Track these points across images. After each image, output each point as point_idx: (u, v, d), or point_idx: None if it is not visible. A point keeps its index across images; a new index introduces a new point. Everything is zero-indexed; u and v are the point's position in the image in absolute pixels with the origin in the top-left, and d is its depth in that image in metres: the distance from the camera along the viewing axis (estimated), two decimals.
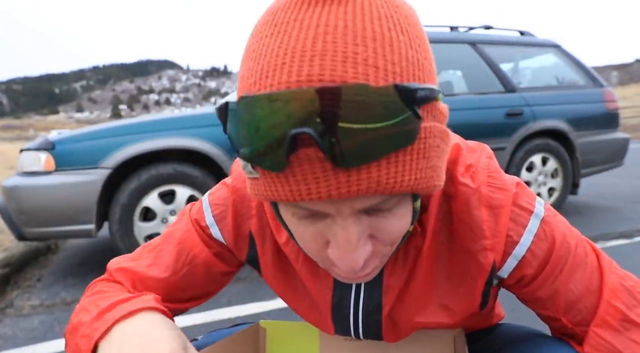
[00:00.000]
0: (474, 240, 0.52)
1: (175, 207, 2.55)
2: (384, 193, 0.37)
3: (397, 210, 0.42)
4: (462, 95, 3.33)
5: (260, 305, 2.10)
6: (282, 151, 0.34)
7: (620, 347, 0.50)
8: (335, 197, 0.36)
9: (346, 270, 0.41)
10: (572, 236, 0.54)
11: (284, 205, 0.44)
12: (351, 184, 0.35)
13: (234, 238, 0.63)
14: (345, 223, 0.40)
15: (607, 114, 3.72)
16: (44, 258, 3.30)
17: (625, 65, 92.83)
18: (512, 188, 0.52)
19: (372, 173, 0.35)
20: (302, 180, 0.36)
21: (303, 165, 0.35)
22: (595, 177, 4.77)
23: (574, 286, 0.52)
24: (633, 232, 2.99)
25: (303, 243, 0.45)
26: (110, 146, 2.44)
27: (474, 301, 0.56)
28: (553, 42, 3.81)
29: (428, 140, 0.38)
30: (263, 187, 0.39)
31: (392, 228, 0.43)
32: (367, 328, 0.62)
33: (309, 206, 0.40)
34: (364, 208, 0.39)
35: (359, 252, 0.41)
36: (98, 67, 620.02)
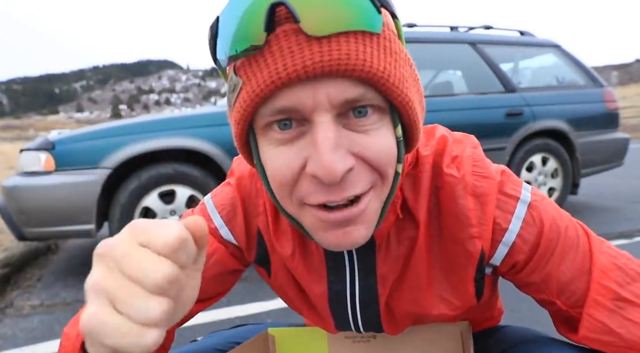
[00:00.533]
0: (461, 229, 0.53)
1: (175, 207, 2.55)
2: (355, 72, 0.39)
3: (378, 130, 0.43)
4: (462, 95, 3.33)
5: (260, 305, 2.10)
6: (261, 24, 0.38)
7: (614, 327, 0.50)
8: (309, 68, 0.38)
9: (325, 173, 0.40)
10: (562, 219, 0.54)
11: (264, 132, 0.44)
12: (324, 54, 0.38)
13: (245, 238, 0.63)
14: (323, 120, 0.40)
15: (607, 114, 3.72)
16: (44, 258, 3.30)
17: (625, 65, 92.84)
18: (496, 176, 0.53)
19: (342, 45, 0.38)
20: (279, 56, 0.39)
21: (280, 41, 0.39)
22: (595, 177, 4.77)
23: (566, 268, 0.52)
24: (633, 232, 3.00)
25: (280, 177, 0.44)
26: (110, 146, 2.44)
27: (468, 290, 0.56)
28: (553, 42, 3.81)
29: (393, 45, 0.42)
30: (245, 91, 0.41)
31: (373, 147, 0.42)
32: (366, 320, 0.62)
33: (288, 101, 0.40)
34: (341, 100, 0.40)
35: (339, 155, 0.40)
36: (98, 67, 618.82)
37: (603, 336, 0.50)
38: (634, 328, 0.49)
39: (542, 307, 0.58)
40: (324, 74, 0.39)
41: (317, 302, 0.63)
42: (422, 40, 3.28)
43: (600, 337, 0.51)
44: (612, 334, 0.50)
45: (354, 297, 0.60)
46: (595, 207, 3.97)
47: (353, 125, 0.42)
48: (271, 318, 1.97)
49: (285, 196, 0.46)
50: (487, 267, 0.56)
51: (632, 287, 0.51)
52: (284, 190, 0.45)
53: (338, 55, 0.38)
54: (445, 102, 3.17)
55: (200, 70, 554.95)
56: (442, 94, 3.30)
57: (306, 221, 0.47)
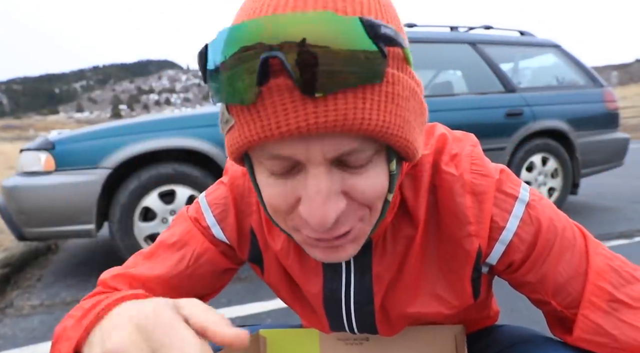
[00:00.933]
0: (459, 227, 0.53)
1: (175, 207, 2.55)
2: (352, 131, 0.37)
3: (370, 168, 0.42)
4: (462, 95, 3.33)
5: (260, 305, 2.10)
6: (253, 78, 0.36)
7: (609, 329, 0.50)
8: (304, 129, 0.36)
9: (316, 223, 0.40)
10: (559, 219, 0.54)
11: (259, 162, 0.44)
12: (319, 115, 0.36)
13: (236, 237, 0.63)
14: (316, 172, 0.40)
15: (607, 114, 3.72)
16: (44, 258, 3.30)
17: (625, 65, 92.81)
18: (495, 174, 0.53)
19: (339, 105, 0.36)
20: (272, 113, 0.37)
21: (274, 96, 0.36)
22: (595, 177, 4.77)
23: (562, 269, 0.52)
24: (633, 232, 2.99)
25: (275, 205, 0.44)
26: (110, 146, 2.44)
27: (465, 289, 0.56)
28: (553, 42, 3.80)
29: (396, 87, 0.39)
30: (237, 133, 0.40)
31: (365, 187, 0.42)
32: (360, 321, 0.62)
33: (281, 151, 0.39)
34: (335, 155, 0.39)
35: (330, 205, 0.40)
36: (98, 67, 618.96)
37: (597, 337, 0.51)
38: (628, 330, 0.50)
39: (537, 308, 0.59)
40: (318, 134, 0.38)
41: (313, 301, 0.62)
42: (422, 40, 3.28)
43: (595, 338, 0.51)
44: (606, 336, 0.50)
45: (349, 296, 0.60)
46: (595, 207, 3.97)
47: (346, 166, 0.42)
48: (271, 318, 1.97)
49: (280, 219, 0.47)
50: (483, 266, 0.56)
51: (627, 289, 0.51)
52: (278, 216, 0.46)
53: (334, 116, 0.36)
54: (445, 102, 3.17)
55: None
56: (442, 94, 3.30)
57: (297, 238, 0.48)
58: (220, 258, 0.63)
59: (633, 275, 0.52)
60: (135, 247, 2.51)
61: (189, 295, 0.64)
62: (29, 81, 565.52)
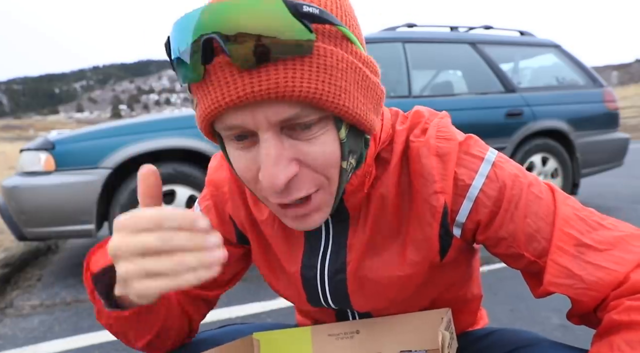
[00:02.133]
0: (425, 186, 0.57)
1: (175, 207, 2.55)
2: (286, 97, 0.42)
3: (320, 136, 0.47)
4: (462, 95, 3.33)
5: (260, 305, 2.10)
6: (198, 58, 0.42)
7: (576, 270, 0.52)
8: (243, 98, 0.42)
9: (267, 186, 0.45)
10: (525, 176, 0.57)
11: (223, 133, 0.49)
12: (254, 85, 0.41)
13: (221, 225, 0.70)
14: (266, 137, 0.45)
15: (607, 114, 3.72)
16: (44, 258, 3.30)
17: (625, 65, 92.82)
18: (459, 138, 0.58)
19: (271, 75, 0.41)
20: (217, 86, 0.43)
21: (217, 72, 0.42)
22: (595, 177, 4.78)
23: (531, 220, 0.55)
24: None
25: (243, 176, 0.50)
26: (110, 146, 2.44)
27: (432, 245, 0.59)
28: (553, 42, 3.81)
29: (328, 59, 0.43)
30: (198, 109, 0.46)
31: (316, 154, 0.47)
32: (334, 291, 0.65)
33: (233, 121, 0.45)
34: (279, 120, 0.44)
35: (279, 168, 0.45)
36: (98, 67, 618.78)
37: (565, 280, 0.53)
38: (593, 269, 0.52)
39: (514, 268, 0.60)
40: (257, 102, 0.43)
41: (292, 273, 0.66)
42: (422, 40, 3.28)
43: (563, 281, 0.53)
44: (573, 277, 0.52)
45: (324, 265, 0.64)
46: (595, 207, 3.96)
47: (297, 135, 0.46)
48: (271, 319, 1.97)
49: (251, 188, 0.52)
50: (455, 227, 0.58)
51: (593, 234, 0.54)
52: (249, 185, 0.51)
53: (267, 85, 0.41)
54: (445, 102, 3.17)
55: None
56: (442, 94, 3.30)
57: (270, 207, 0.54)
58: None
59: (599, 223, 0.55)
60: None
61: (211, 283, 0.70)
62: (29, 81, 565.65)
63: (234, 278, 0.75)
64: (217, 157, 0.72)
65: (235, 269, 0.73)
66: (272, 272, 0.70)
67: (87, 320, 2.08)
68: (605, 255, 0.52)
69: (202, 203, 0.71)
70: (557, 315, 1.81)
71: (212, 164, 0.71)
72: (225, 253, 0.42)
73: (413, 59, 3.18)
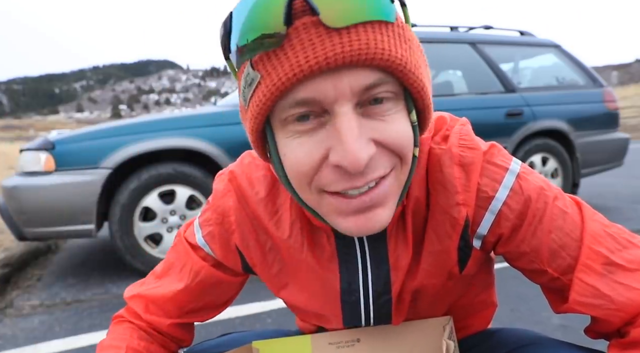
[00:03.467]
0: (447, 197, 0.54)
1: (175, 207, 2.55)
2: (375, 61, 0.40)
3: (394, 115, 0.45)
4: (462, 95, 3.33)
5: (260, 305, 2.10)
6: (280, 21, 0.39)
7: (604, 290, 0.50)
8: (331, 60, 0.39)
9: (350, 162, 0.41)
10: (550, 189, 0.55)
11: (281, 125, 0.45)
12: (344, 45, 0.39)
13: (224, 255, 0.65)
14: (345, 110, 0.42)
15: (607, 114, 3.72)
16: (44, 258, 3.30)
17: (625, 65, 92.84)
18: (483, 147, 0.55)
19: (361, 36, 0.40)
20: (301, 49, 0.39)
21: (300, 34, 0.39)
22: (595, 177, 4.77)
23: (556, 235, 0.53)
24: (633, 232, 3.00)
25: (300, 168, 0.45)
26: (110, 146, 2.44)
27: (450, 257, 0.57)
28: (553, 42, 3.81)
29: (407, 32, 0.44)
30: (265, 85, 0.42)
31: (392, 132, 0.44)
32: (378, 311, 0.62)
33: (309, 93, 0.41)
34: (362, 87, 0.41)
35: (363, 144, 0.42)
36: (98, 67, 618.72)
37: (593, 299, 0.51)
38: (623, 290, 0.50)
39: (535, 282, 0.58)
40: (344, 64, 0.40)
41: (328, 293, 0.62)
42: (422, 40, 3.21)
43: (591, 301, 0.51)
44: (602, 297, 0.50)
45: (367, 287, 0.60)
46: (595, 207, 3.96)
47: (370, 113, 0.44)
48: (271, 319, 1.97)
49: (304, 186, 0.47)
50: (475, 238, 0.56)
51: (623, 253, 0.51)
52: (303, 180, 0.46)
53: (358, 45, 0.39)
54: (445, 102, 3.17)
55: (200, 70, 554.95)
56: (442, 94, 3.30)
57: (324, 209, 0.48)
58: (217, 273, 0.67)
59: (630, 241, 0.53)
60: (135, 247, 2.51)
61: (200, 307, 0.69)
62: (29, 81, 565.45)
63: (227, 303, 0.74)
64: (223, 179, 0.65)
65: (231, 295, 0.72)
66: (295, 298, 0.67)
67: (87, 320, 2.08)
68: (636, 275, 0.50)
69: (204, 227, 0.65)
70: (558, 315, 1.83)
71: (219, 187, 0.65)
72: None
73: None
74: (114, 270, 2.75)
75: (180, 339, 0.71)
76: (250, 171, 0.63)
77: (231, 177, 0.64)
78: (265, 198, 0.61)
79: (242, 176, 0.63)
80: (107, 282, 2.56)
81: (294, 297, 0.67)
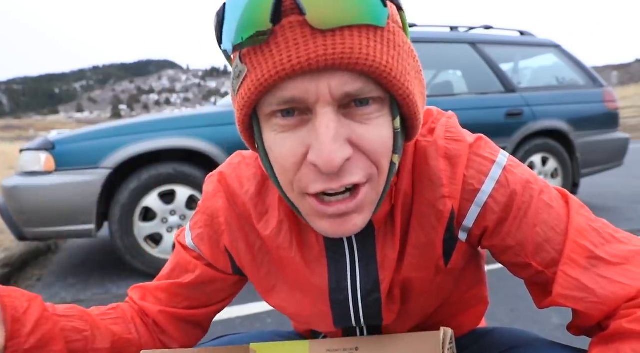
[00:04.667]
0: (433, 190, 0.54)
1: (175, 207, 2.55)
2: (358, 66, 0.40)
3: (375, 119, 0.44)
4: (462, 95, 3.33)
5: (260, 305, 2.10)
6: (267, 17, 0.39)
7: (587, 283, 0.50)
8: (313, 61, 0.39)
9: (324, 162, 0.41)
10: (537, 183, 0.55)
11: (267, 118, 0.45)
12: (327, 47, 0.39)
13: (214, 257, 0.66)
14: (325, 111, 0.42)
15: (607, 114, 3.72)
16: (44, 258, 3.30)
17: (625, 65, 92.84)
18: (469, 139, 0.55)
19: (347, 39, 0.39)
20: (285, 48, 0.40)
21: (286, 32, 0.40)
22: (595, 177, 4.78)
23: (540, 229, 0.53)
24: (633, 232, 2.97)
25: (283, 163, 0.46)
26: (110, 146, 2.44)
27: (436, 250, 0.57)
28: (553, 42, 3.80)
29: (397, 38, 0.43)
30: (250, 79, 0.42)
31: (371, 137, 0.44)
32: (367, 309, 0.62)
33: (292, 91, 0.41)
34: (342, 93, 0.41)
35: (337, 146, 0.42)
36: (98, 67, 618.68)
37: (576, 292, 0.51)
38: (606, 284, 0.50)
39: (518, 277, 0.58)
40: (327, 67, 0.40)
41: (317, 293, 0.62)
42: (422, 40, 3.27)
43: (574, 294, 0.51)
44: (585, 290, 0.50)
45: (355, 286, 0.60)
46: (595, 207, 3.97)
47: (353, 114, 0.44)
48: (271, 319, 1.97)
49: (287, 183, 0.48)
50: (461, 231, 0.56)
51: (607, 247, 0.52)
52: (286, 176, 0.47)
53: (342, 49, 0.39)
54: (445, 102, 3.17)
55: (200, 70, 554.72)
56: (442, 94, 3.30)
57: (304, 209, 0.49)
58: (211, 271, 0.67)
59: (613, 236, 0.53)
60: (135, 247, 2.51)
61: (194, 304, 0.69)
62: (29, 81, 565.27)
63: (226, 301, 0.73)
64: (212, 181, 0.66)
65: (226, 296, 0.71)
66: (284, 299, 0.66)
67: None
68: (619, 269, 0.50)
69: (194, 230, 0.66)
70: (557, 314, 1.82)
71: (208, 189, 0.66)
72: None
73: None
74: (114, 270, 2.75)
75: (167, 331, 0.69)
76: (240, 170, 0.63)
77: (220, 178, 0.65)
78: (256, 198, 0.61)
79: (232, 176, 0.64)
80: (107, 282, 2.56)
81: (284, 299, 0.66)
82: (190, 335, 0.71)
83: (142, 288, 0.70)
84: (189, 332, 0.71)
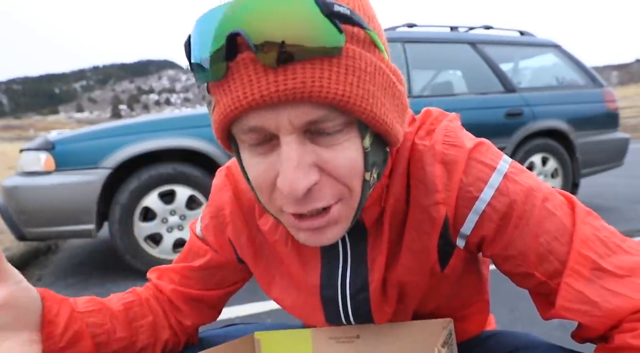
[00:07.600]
0: (427, 195, 0.53)
1: (175, 207, 2.55)
2: (312, 98, 0.40)
3: (343, 143, 0.44)
4: (462, 95, 3.33)
5: (260, 305, 2.11)
6: (222, 54, 0.40)
7: (591, 295, 0.49)
8: (267, 98, 0.39)
9: (287, 191, 0.42)
10: (540, 190, 0.53)
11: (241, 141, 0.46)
12: (279, 83, 0.39)
13: (219, 247, 0.69)
14: (288, 140, 0.42)
15: (607, 114, 3.72)
16: (44, 258, 3.30)
17: (625, 65, 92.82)
18: (469, 145, 0.54)
19: (298, 74, 0.39)
20: (240, 85, 0.40)
21: (240, 70, 0.40)
22: (595, 177, 4.77)
23: (543, 238, 0.51)
24: (633, 232, 2.99)
25: (259, 184, 0.47)
26: (110, 146, 2.44)
27: (430, 256, 0.56)
28: (553, 42, 3.81)
29: (358, 62, 0.42)
30: (216, 110, 0.44)
31: (338, 161, 0.44)
32: (356, 309, 0.62)
33: (254, 122, 0.42)
34: (303, 123, 0.41)
35: (300, 173, 0.42)
36: (98, 67, 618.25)
37: (580, 305, 0.50)
38: (611, 296, 0.49)
39: (521, 287, 0.57)
40: (281, 102, 0.40)
41: (309, 291, 0.63)
42: (422, 40, 3.28)
43: (577, 306, 0.50)
44: (589, 303, 0.49)
45: (344, 285, 0.61)
46: (595, 207, 3.97)
47: (319, 140, 0.44)
48: (271, 319, 1.97)
49: (265, 201, 0.49)
50: (459, 238, 0.55)
51: (612, 258, 0.50)
52: (263, 196, 0.48)
53: (293, 84, 0.39)
54: (445, 102, 3.17)
55: None
56: (442, 94, 3.30)
57: (284, 221, 0.51)
58: (220, 259, 0.70)
59: (619, 246, 0.51)
60: (135, 247, 2.51)
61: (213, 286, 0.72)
62: (29, 81, 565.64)
63: (237, 284, 0.75)
64: (221, 175, 0.69)
65: (236, 280, 0.74)
66: (282, 292, 0.68)
67: None
68: (624, 281, 0.49)
69: (203, 220, 0.70)
70: None
71: (217, 182, 0.69)
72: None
73: (413, 59, 3.18)
74: (114, 270, 2.75)
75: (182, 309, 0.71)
76: None
77: (228, 172, 0.68)
78: None
79: (238, 171, 0.67)
80: (107, 282, 2.56)
81: (282, 295, 0.68)
82: (204, 314, 0.73)
83: (158, 269, 0.74)
84: (202, 311, 0.73)
